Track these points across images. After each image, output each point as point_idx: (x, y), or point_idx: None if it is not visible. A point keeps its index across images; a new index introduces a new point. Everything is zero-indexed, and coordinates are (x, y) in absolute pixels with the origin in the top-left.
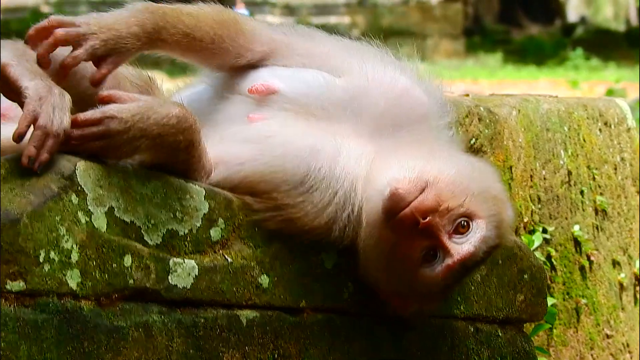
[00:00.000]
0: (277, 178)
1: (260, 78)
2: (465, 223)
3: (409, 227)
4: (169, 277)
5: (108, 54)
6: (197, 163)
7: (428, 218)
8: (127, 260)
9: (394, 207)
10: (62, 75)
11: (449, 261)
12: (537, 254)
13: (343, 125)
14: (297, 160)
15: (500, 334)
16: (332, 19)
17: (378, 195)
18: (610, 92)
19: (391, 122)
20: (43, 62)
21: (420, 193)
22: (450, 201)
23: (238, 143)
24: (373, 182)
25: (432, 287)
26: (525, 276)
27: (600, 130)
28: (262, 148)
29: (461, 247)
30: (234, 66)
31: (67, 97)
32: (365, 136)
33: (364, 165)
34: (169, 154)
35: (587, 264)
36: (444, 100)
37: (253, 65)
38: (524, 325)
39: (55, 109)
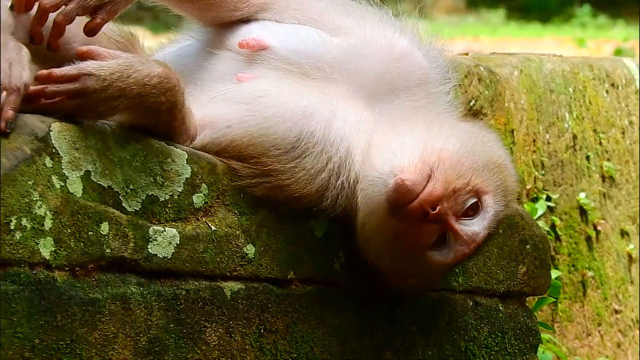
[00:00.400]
0: (267, 142)
1: (251, 32)
2: (474, 202)
3: (418, 218)
4: (149, 246)
5: (102, 5)
6: (181, 126)
7: (437, 208)
8: (104, 227)
9: (400, 199)
10: (55, 35)
11: (464, 249)
12: (541, 223)
13: (339, 87)
14: (289, 122)
15: (501, 308)
16: None
17: (380, 183)
18: (618, 52)
19: (389, 86)
20: (36, 37)
21: (428, 182)
22: (457, 182)
23: (226, 103)
24: (374, 162)
25: (440, 270)
26: (528, 247)
27: (607, 91)
28: (252, 109)
29: (473, 230)
30: (227, 20)
31: (25, 50)
32: (361, 100)
33: (362, 133)
34: (150, 116)
35: (593, 234)
36: (446, 64)
37: (244, 20)
38: (526, 299)
39: (13, 64)
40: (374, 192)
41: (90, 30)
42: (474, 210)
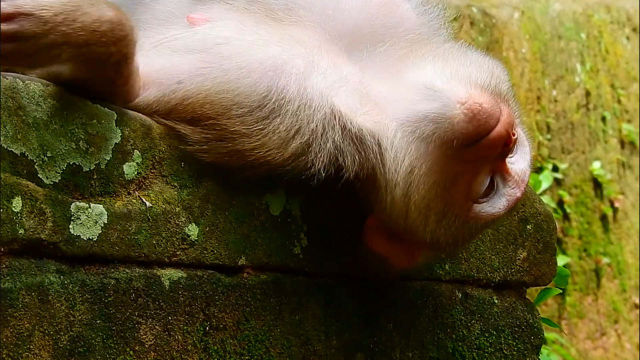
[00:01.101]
0: (228, 99)
1: None
2: (515, 136)
3: (500, 148)
4: (70, 226)
5: None
6: (124, 85)
7: (513, 140)
8: (17, 203)
9: (481, 127)
10: None
11: (515, 191)
12: (546, 198)
13: (315, 34)
14: (255, 75)
15: (496, 301)
16: None
17: (441, 116)
18: None
19: (372, 36)
20: None
21: (499, 103)
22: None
23: (175, 53)
24: (407, 100)
25: (483, 226)
26: (529, 227)
27: (627, 38)
28: (208, 59)
29: (522, 168)
30: None
31: None
32: (342, 52)
33: (348, 90)
34: (94, 69)
35: (610, 212)
36: (439, 17)
37: None
38: (527, 290)
39: None
40: (431, 130)
41: None
42: (514, 144)
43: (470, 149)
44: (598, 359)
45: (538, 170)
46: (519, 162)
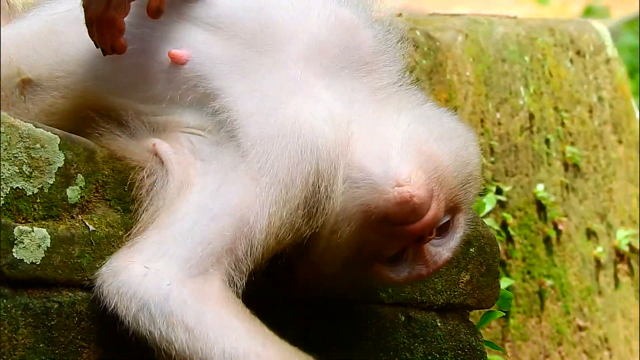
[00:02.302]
0: None
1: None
2: (447, 222)
3: (411, 239)
4: (13, 250)
5: None
6: None
7: (434, 231)
8: None
9: (402, 216)
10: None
11: (421, 270)
12: (489, 221)
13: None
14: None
15: (439, 325)
16: None
17: (374, 188)
18: (588, 11)
19: (341, 61)
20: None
21: (432, 200)
22: (449, 200)
23: None
24: (359, 160)
25: (383, 284)
26: (472, 250)
27: (571, 60)
28: None
29: (439, 252)
30: None
31: None
32: (317, 77)
33: (331, 124)
34: None
35: (553, 235)
36: (397, 39)
37: None
38: (470, 313)
39: None
40: (361, 193)
41: (155, 12)
42: (445, 231)
43: (386, 226)
44: None
45: (481, 193)
46: (440, 247)
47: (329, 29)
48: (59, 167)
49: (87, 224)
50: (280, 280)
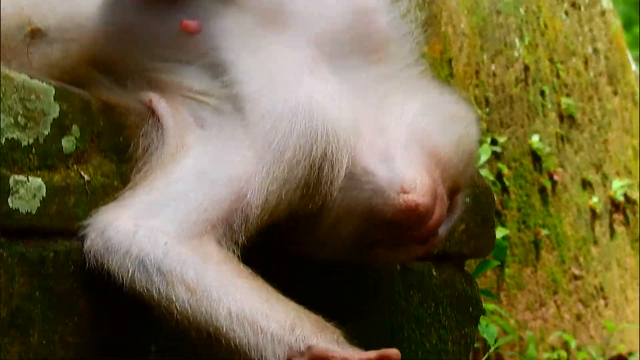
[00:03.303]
0: None
1: None
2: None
3: (414, 240)
4: (9, 200)
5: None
6: None
7: (437, 231)
8: None
9: (405, 222)
10: None
11: (418, 251)
12: (484, 171)
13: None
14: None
15: (435, 274)
16: None
17: (379, 191)
18: None
19: (352, 46)
20: None
21: (435, 205)
22: (448, 188)
23: None
24: (362, 156)
25: (379, 263)
26: (467, 200)
27: (566, 13)
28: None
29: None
30: None
31: None
32: (325, 64)
33: (338, 109)
34: None
35: (549, 185)
36: (413, 24)
37: None
38: (466, 262)
39: None
40: (367, 194)
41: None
42: None
43: (390, 229)
44: (537, 330)
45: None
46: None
47: (344, 14)
48: (54, 118)
49: (82, 174)
50: (273, 239)
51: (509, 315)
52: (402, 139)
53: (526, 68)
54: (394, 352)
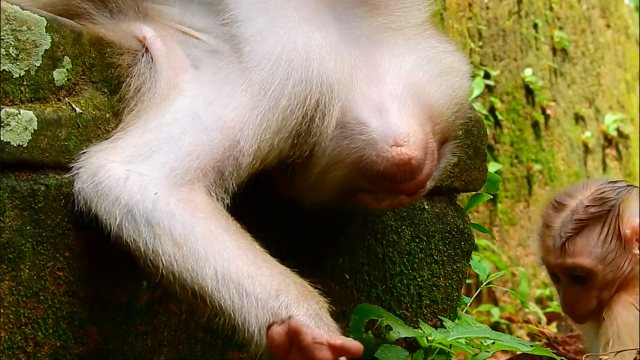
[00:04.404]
0: None
1: None
2: (422, 191)
3: (402, 191)
4: (0, 133)
5: None
6: None
7: (426, 184)
8: None
9: (398, 175)
10: None
11: (403, 200)
12: (477, 105)
13: None
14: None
15: (427, 207)
16: None
17: (372, 143)
18: None
19: None
20: None
21: (426, 159)
22: (438, 140)
23: None
24: (356, 108)
25: (365, 209)
26: (459, 132)
27: None
28: None
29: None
30: None
31: None
32: (324, 12)
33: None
34: None
35: (542, 119)
36: None
37: None
38: (458, 196)
39: None
40: (358, 145)
41: None
42: None
43: (379, 180)
44: (529, 266)
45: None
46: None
47: None
48: (45, 49)
49: (73, 106)
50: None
51: (501, 251)
52: (397, 91)
53: (519, 1)
54: (355, 345)
